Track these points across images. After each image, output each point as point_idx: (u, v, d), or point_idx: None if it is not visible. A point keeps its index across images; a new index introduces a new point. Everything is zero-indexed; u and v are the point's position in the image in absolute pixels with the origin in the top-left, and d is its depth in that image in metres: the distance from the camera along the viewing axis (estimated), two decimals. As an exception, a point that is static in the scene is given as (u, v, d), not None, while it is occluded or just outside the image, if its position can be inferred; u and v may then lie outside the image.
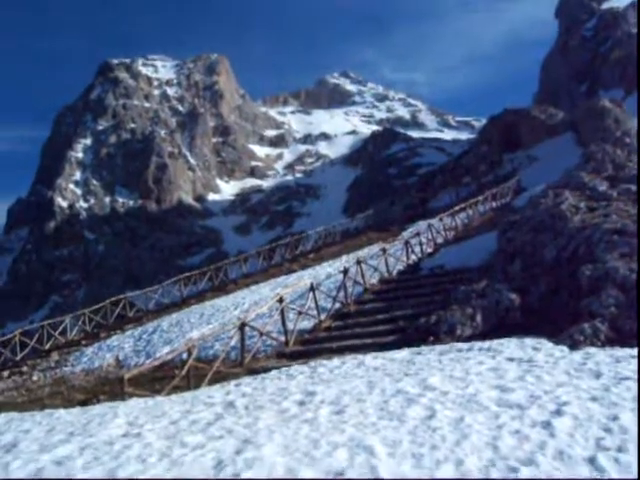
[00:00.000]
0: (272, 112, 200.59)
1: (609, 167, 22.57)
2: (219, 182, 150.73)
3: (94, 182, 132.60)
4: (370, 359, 12.38)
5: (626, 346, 10.68)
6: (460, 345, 12.74)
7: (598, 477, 5.57)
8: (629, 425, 6.62)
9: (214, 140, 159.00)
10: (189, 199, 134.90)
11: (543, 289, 14.72)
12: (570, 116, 57.33)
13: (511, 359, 10.44)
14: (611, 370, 8.96)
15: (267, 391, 10.74)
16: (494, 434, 6.75)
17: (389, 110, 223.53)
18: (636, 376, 8.44)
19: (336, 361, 13.00)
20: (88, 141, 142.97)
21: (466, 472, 5.88)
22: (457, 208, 36.42)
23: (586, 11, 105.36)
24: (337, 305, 20.66)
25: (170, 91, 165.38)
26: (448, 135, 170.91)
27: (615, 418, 6.88)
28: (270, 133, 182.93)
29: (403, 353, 12.66)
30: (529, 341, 11.93)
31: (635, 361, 9.38)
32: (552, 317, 13.33)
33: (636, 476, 5.50)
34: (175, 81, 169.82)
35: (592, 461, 5.86)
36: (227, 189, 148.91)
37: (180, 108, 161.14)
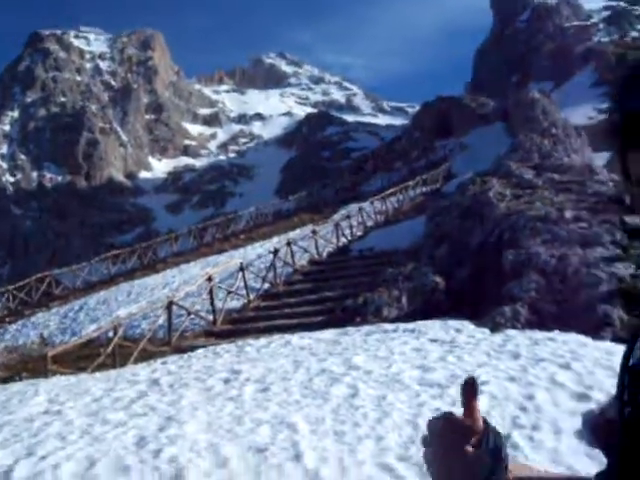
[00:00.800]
0: (207, 90, 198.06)
1: (536, 156, 23.13)
2: (151, 160, 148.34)
3: (21, 156, 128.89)
4: (297, 339, 12.47)
5: (544, 329, 11.01)
6: (386, 326, 12.92)
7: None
8: (543, 404, 6.85)
9: (147, 117, 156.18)
10: (120, 176, 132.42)
11: (468, 273, 15.05)
12: (501, 106, 58.34)
13: (434, 340, 10.66)
14: (529, 352, 9.23)
15: (193, 369, 10.73)
16: (415, 412, 6.89)
17: (324, 93, 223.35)
18: (552, 357, 8.72)
19: (263, 340, 13.05)
20: (15, 114, 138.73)
21: (386, 448, 6.01)
22: (388, 192, 36.75)
23: (520, 3, 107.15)
24: (266, 285, 20.71)
25: (103, 65, 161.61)
26: (382, 120, 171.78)
27: (531, 397, 7.10)
28: (204, 112, 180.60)
29: (330, 333, 12.78)
30: (452, 323, 12.18)
31: (552, 343, 9.68)
32: (476, 300, 13.64)
33: (547, 453, 5.71)
34: (108, 55, 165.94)
35: (507, 439, 6.05)
36: (159, 167, 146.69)
37: (113, 83, 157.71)
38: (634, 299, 11.46)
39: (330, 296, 17.73)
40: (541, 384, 7.56)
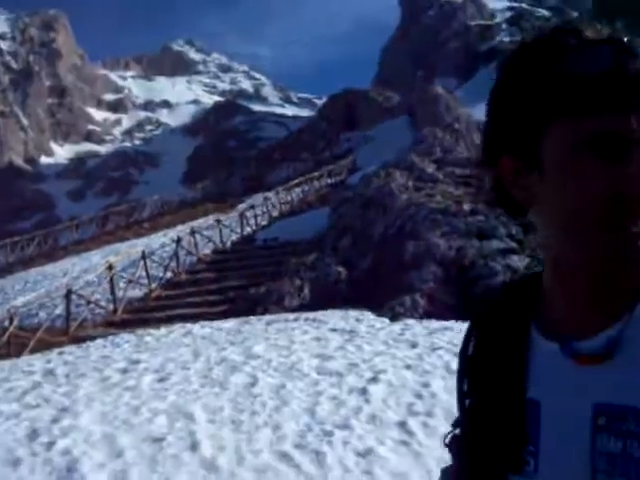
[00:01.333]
0: (112, 75, 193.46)
1: (437, 150, 23.64)
2: (53, 145, 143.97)
3: None
4: (198, 328, 12.39)
5: (441, 319, 11.30)
6: (287, 315, 13.00)
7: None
8: (438, 392, 7.04)
9: (49, 101, 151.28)
10: (20, 161, 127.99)
11: (370, 263, 15.27)
12: (406, 100, 59.29)
13: (334, 329, 10.79)
14: (426, 341, 9.46)
15: (90, 359, 10.53)
16: (313, 400, 6.97)
17: (233, 82, 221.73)
18: (448, 346, 8.97)
19: (163, 330, 12.91)
20: None
21: (283, 436, 6.05)
22: (294, 183, 36.87)
23: (428, 0, 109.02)
24: (169, 274, 20.47)
25: (3, 45, 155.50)
26: (290, 111, 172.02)
27: (426, 385, 7.29)
28: (109, 97, 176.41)
29: (231, 323, 12.76)
30: (353, 313, 12.35)
31: (449, 332, 9.95)
32: (376, 290, 13.87)
33: (440, 439, 5.87)
34: (9, 35, 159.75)
35: (403, 425, 6.18)
36: (61, 153, 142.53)
37: (13, 64, 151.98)
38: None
39: (233, 285, 17.67)
40: (437, 372, 7.77)
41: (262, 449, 5.81)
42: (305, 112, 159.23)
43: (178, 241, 21.25)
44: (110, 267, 18.25)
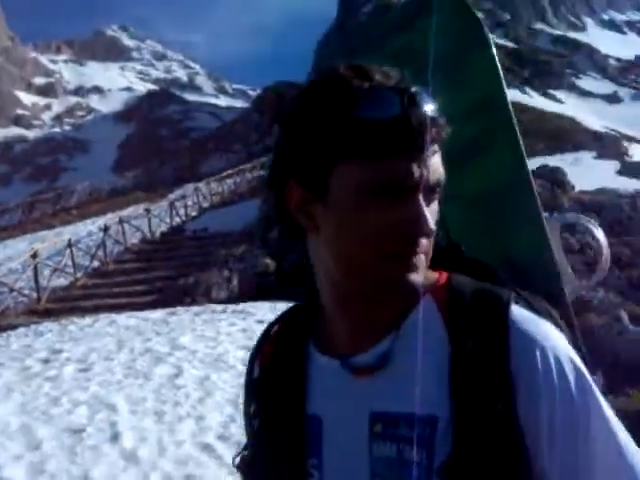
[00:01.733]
0: (43, 59, 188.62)
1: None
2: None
3: None
4: (123, 318, 12.25)
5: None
6: (214, 307, 12.96)
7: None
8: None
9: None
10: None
11: (299, 256, 15.33)
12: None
13: (262, 321, 10.81)
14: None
15: (11, 348, 10.31)
16: (237, 392, 6.98)
17: (167, 70, 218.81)
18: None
19: (88, 319, 12.72)
20: None
21: (206, 427, 6.06)
22: (225, 174, 36.68)
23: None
24: (96, 263, 20.14)
25: None
26: (224, 101, 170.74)
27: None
28: (39, 81, 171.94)
29: (158, 313, 12.65)
30: (281, 305, 12.39)
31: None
32: (304, 283, 13.94)
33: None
34: None
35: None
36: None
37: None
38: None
39: (161, 276, 17.51)
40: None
41: (184, 440, 5.81)
42: (239, 103, 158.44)
43: (106, 230, 20.92)
44: (35, 255, 17.84)
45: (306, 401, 1.02)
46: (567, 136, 66.44)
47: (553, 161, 36.67)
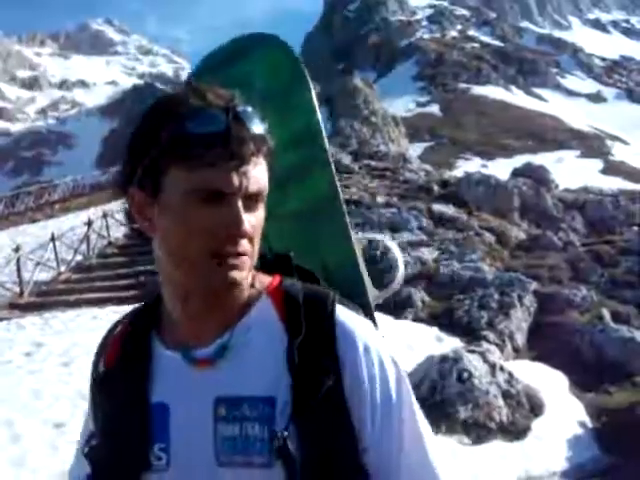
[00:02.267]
0: (27, 52, 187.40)
1: (354, 143, 23.89)
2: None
3: None
4: (107, 312, 12.21)
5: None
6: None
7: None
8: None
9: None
10: None
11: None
12: (325, 91, 59.62)
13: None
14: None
15: (-7, 342, 10.26)
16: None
17: (152, 65, 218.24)
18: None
19: (71, 313, 12.68)
20: None
21: None
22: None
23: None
24: (79, 257, 20.04)
25: None
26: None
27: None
28: (23, 74, 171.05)
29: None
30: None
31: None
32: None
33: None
34: None
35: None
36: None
37: None
38: (432, 282, 12.24)
39: (144, 270, 17.43)
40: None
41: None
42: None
43: (89, 224, 20.82)
44: (17, 248, 17.74)
45: (151, 391, 1.13)
46: (551, 135, 66.82)
47: (537, 159, 36.96)
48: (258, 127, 1.04)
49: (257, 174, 1.05)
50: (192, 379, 1.10)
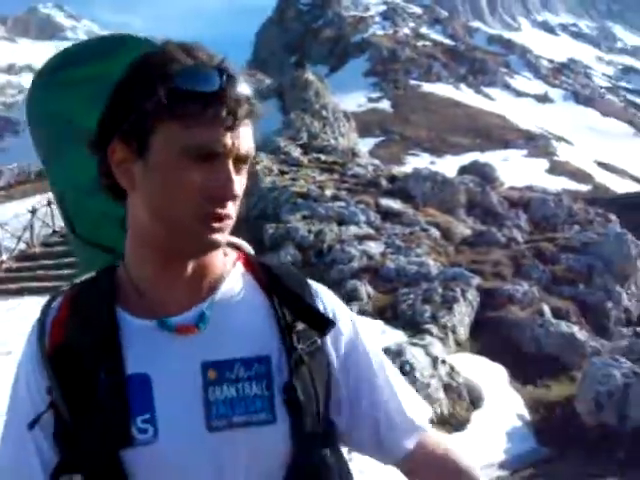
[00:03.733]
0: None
1: (305, 136, 23.90)
2: None
3: None
4: (49, 302, 12.02)
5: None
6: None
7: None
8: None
9: None
10: None
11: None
12: (277, 84, 59.41)
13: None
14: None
15: None
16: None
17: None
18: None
19: (12, 302, 12.47)
20: None
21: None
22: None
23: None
24: (22, 246, 19.67)
25: None
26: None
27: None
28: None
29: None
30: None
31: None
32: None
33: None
34: None
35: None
36: None
37: None
38: (378, 276, 12.35)
39: (90, 260, 17.23)
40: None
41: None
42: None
43: (34, 212, 20.45)
44: (-42, 235, 17.36)
45: (125, 363, 1.06)
46: (499, 134, 67.78)
47: (484, 157, 37.51)
48: (248, 89, 1.04)
49: (247, 136, 1.04)
50: (172, 347, 1.07)
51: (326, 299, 1.21)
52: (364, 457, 1.27)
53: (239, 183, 1.03)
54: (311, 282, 1.22)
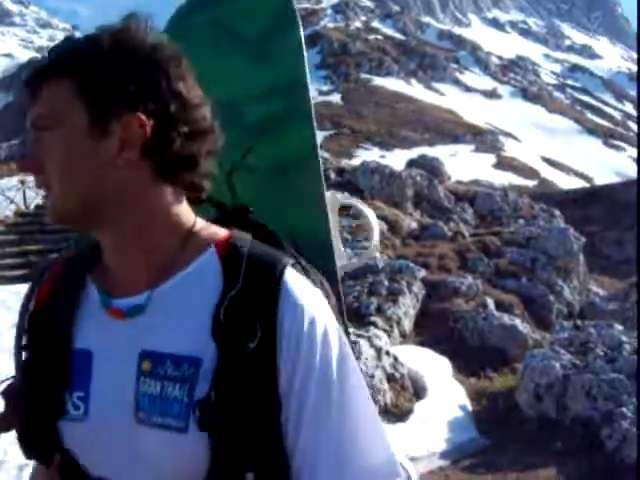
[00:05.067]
0: None
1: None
2: None
3: None
4: (-9, 292, 11.78)
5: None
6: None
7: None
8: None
9: None
10: None
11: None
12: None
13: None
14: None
15: None
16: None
17: (51, 39, 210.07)
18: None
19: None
20: None
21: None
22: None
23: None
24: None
25: None
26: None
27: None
28: None
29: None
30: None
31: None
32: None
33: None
34: None
35: None
36: None
37: None
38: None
39: (34, 249, 16.92)
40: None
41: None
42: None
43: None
44: None
45: (76, 336, 1.07)
46: (448, 128, 68.44)
47: (433, 152, 37.83)
48: (58, 53, 1.02)
49: (40, 101, 1.02)
50: (117, 328, 1.04)
51: (295, 307, 0.99)
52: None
53: (35, 153, 1.02)
54: (290, 279, 1.02)
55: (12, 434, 1.17)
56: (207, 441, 0.95)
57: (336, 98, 76.55)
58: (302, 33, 1.61)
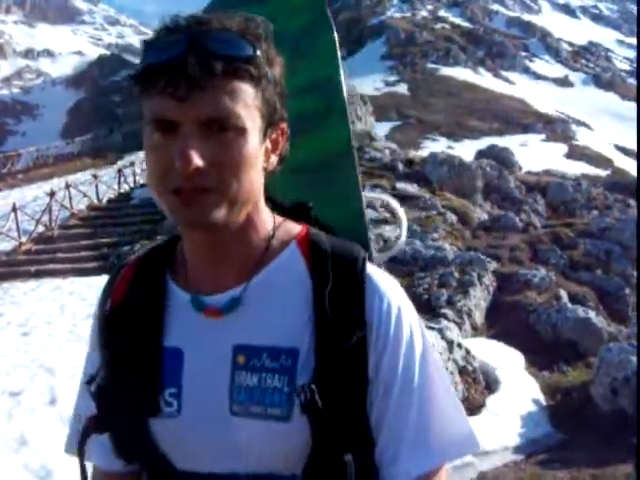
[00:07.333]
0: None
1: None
2: None
3: None
4: (67, 284, 12.14)
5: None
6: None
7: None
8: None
9: None
10: None
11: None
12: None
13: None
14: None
15: (-49, 311, 10.13)
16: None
17: (119, 36, 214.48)
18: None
19: (31, 284, 12.56)
20: None
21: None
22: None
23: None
24: (41, 228, 19.80)
25: None
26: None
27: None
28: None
29: (102, 279, 12.53)
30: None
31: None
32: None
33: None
34: None
35: None
36: None
37: None
38: (394, 260, 12.34)
39: (107, 242, 17.31)
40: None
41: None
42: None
43: (52, 195, 20.55)
44: (-23, 217, 17.48)
45: (164, 334, 1.09)
46: (517, 118, 67.22)
47: (502, 142, 37.24)
48: (228, 47, 0.96)
49: (216, 99, 0.94)
50: (208, 326, 1.07)
51: (382, 296, 1.06)
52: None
53: (207, 152, 0.95)
54: (371, 270, 1.09)
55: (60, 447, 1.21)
56: (309, 427, 1.00)
57: (402, 89, 75.99)
58: (334, 33, 1.65)
